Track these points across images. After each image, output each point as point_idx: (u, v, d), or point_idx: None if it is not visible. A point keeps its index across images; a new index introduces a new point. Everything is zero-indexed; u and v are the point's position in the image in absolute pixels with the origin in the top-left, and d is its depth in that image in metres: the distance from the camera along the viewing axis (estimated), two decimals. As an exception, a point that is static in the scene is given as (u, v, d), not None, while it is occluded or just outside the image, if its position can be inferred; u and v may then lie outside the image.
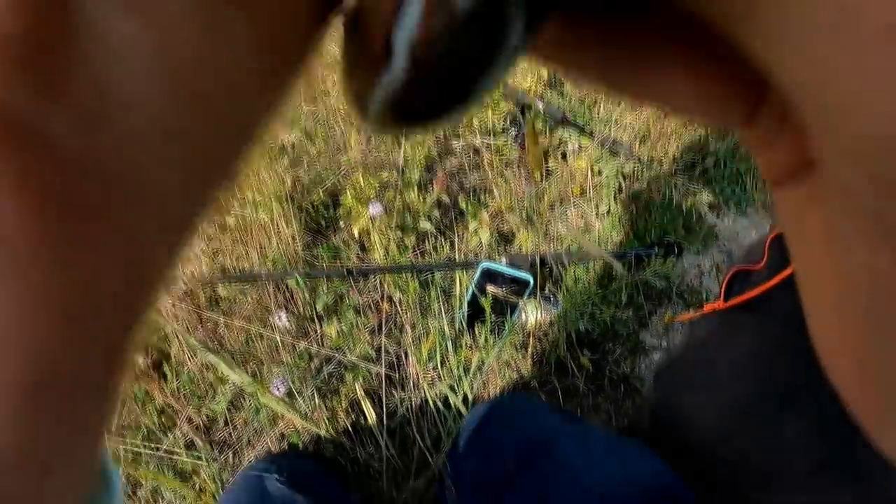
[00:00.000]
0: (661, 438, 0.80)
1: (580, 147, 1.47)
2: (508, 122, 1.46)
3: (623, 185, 1.46)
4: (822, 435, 0.60)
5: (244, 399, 1.10)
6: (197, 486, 1.03)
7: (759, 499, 0.70)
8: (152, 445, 1.07)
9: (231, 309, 1.17)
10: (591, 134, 1.50)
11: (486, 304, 1.04)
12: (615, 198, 1.43)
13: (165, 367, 1.11)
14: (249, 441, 1.08)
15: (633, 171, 1.49)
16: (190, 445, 1.07)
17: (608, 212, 1.41)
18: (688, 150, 1.63)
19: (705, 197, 1.56)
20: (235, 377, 1.00)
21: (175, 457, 1.06)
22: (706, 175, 1.61)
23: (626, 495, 0.61)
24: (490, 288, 1.09)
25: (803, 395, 0.61)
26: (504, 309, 1.12)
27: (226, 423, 1.09)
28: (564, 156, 1.48)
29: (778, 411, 0.63)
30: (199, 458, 1.05)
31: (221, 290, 1.18)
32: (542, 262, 1.16)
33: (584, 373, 1.23)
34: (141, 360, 1.08)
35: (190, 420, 1.07)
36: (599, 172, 1.47)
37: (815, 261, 0.13)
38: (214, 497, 1.01)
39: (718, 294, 1.47)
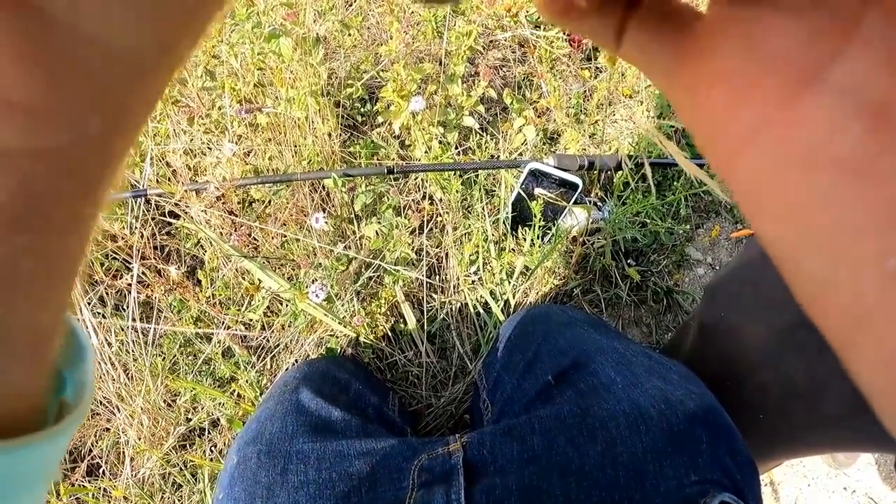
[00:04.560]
0: (707, 355, 0.78)
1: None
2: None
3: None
4: None
5: (281, 304, 1.07)
6: (235, 393, 1.03)
7: (802, 422, 0.69)
8: (190, 354, 1.07)
9: (266, 212, 1.14)
10: (644, 32, 1.39)
11: (535, 207, 0.98)
12: (668, 102, 1.35)
13: (200, 275, 1.08)
14: (287, 346, 1.07)
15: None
16: (227, 353, 1.06)
17: (660, 116, 1.32)
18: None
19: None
20: (271, 283, 0.97)
21: (213, 365, 1.05)
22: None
23: (665, 416, 0.59)
24: (539, 190, 1.03)
25: None
26: (549, 213, 1.06)
27: (263, 329, 1.08)
28: (613, 59, 1.38)
29: None
30: (237, 366, 1.04)
31: (255, 193, 1.15)
32: (591, 165, 1.10)
33: (628, 283, 1.19)
34: (175, 269, 1.06)
35: (227, 327, 1.06)
36: (651, 75, 1.37)
37: (727, 122, 0.15)
38: (253, 404, 1.00)
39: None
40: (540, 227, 1.02)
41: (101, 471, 1.03)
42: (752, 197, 0.16)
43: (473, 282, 1.06)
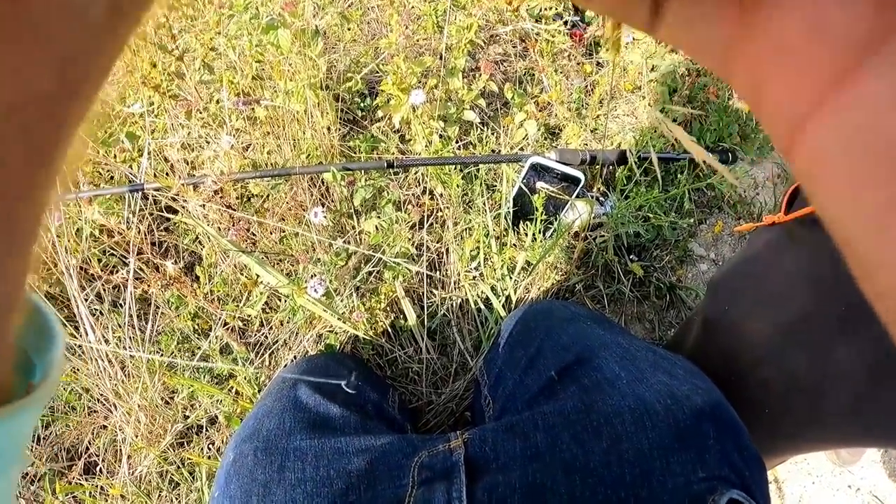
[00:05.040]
0: (709, 350, 0.77)
1: (634, 40, 1.36)
2: (562, 8, 1.36)
3: (679, 84, 1.36)
4: (874, 360, 0.58)
5: (280, 300, 1.06)
6: (233, 390, 1.01)
7: (804, 417, 0.68)
8: (187, 350, 1.05)
9: (264, 207, 1.12)
10: (646, 27, 1.38)
11: (537, 201, 0.97)
12: (669, 96, 1.34)
13: (198, 270, 1.07)
14: (286, 342, 1.06)
15: (690, 70, 1.38)
16: (225, 350, 1.05)
17: (661, 111, 1.31)
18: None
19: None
20: (270, 278, 0.96)
21: (210, 362, 1.04)
22: (766, 81, 1.51)
23: (671, 411, 0.58)
24: (540, 185, 1.02)
25: (859, 318, 0.57)
26: (551, 208, 1.05)
27: (261, 325, 1.06)
28: (617, 48, 1.37)
29: (832, 332, 0.60)
30: (235, 362, 1.02)
31: (253, 187, 1.13)
32: (593, 159, 1.08)
33: (631, 279, 1.18)
34: (172, 265, 1.05)
35: (225, 323, 1.04)
36: (653, 69, 1.36)
37: (794, 96, 0.15)
38: (251, 401, 0.99)
39: (774, 207, 1.40)
40: (541, 221, 1.01)
41: (97, 469, 1.02)
42: (817, 171, 0.15)
43: (474, 277, 1.05)
